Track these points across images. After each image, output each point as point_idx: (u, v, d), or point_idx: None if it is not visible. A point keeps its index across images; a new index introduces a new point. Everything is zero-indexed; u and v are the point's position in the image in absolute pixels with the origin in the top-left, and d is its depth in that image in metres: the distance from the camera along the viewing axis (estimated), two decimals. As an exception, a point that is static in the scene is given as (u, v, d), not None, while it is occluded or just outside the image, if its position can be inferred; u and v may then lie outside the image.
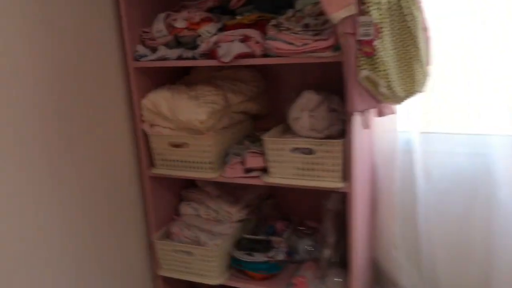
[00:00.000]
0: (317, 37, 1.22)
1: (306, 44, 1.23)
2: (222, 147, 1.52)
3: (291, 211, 1.78)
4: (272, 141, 1.35)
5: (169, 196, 1.72)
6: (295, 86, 1.61)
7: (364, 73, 1.14)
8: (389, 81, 1.15)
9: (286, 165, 1.35)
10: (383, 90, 1.16)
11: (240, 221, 1.65)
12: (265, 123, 1.74)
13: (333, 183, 1.30)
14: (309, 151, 1.33)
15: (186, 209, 1.72)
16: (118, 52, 1.49)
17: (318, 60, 1.23)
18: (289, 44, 1.24)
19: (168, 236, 1.66)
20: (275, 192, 1.80)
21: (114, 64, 1.48)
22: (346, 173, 1.30)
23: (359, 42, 1.13)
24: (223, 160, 1.53)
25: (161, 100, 1.46)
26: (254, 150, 1.44)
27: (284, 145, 1.34)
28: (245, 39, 1.34)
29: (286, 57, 1.26)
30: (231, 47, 1.32)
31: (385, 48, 1.14)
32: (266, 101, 1.70)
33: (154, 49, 1.47)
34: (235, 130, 1.59)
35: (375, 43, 1.12)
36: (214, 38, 1.35)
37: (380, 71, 1.14)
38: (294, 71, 1.66)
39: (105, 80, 1.44)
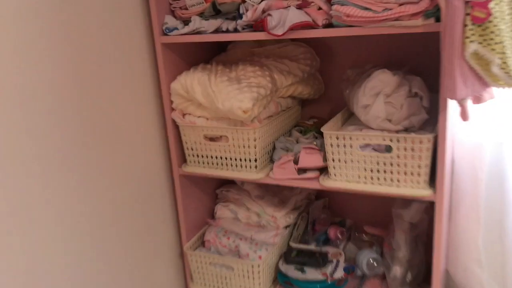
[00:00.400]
0: (402, 0, 0.92)
1: (388, 9, 0.93)
2: (269, 141, 1.25)
3: (345, 213, 1.51)
4: (335, 135, 1.07)
5: (202, 196, 1.47)
6: (354, 64, 1.33)
7: (473, 46, 0.85)
8: (505, 57, 0.85)
9: (353, 165, 1.08)
10: (495, 69, 0.87)
11: (287, 227, 1.39)
12: (315, 109, 1.47)
13: (417, 189, 1.02)
14: (385, 148, 1.05)
15: (222, 211, 1.47)
16: (142, 24, 1.22)
17: (404, 30, 0.93)
18: (364, 9, 0.95)
19: (202, 243, 1.42)
20: (325, 191, 1.53)
21: (138, 39, 1.21)
22: (434, 177, 1.01)
23: (469, 4, 0.83)
24: (270, 156, 1.26)
25: (194, 84, 1.19)
26: (310, 146, 1.17)
27: (352, 141, 1.06)
28: (303, 5, 1.05)
29: (359, 27, 0.97)
30: (285, 16, 1.03)
31: (502, 11, 0.84)
32: (319, 83, 1.41)
33: (186, 21, 1.20)
34: (282, 118, 1.32)
35: (492, 4, 0.82)
36: (263, 5, 1.07)
37: (494, 44, 0.84)
38: (354, 44, 1.36)
39: (127, 59, 1.18)
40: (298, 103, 1.41)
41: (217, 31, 1.15)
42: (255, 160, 1.20)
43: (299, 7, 1.05)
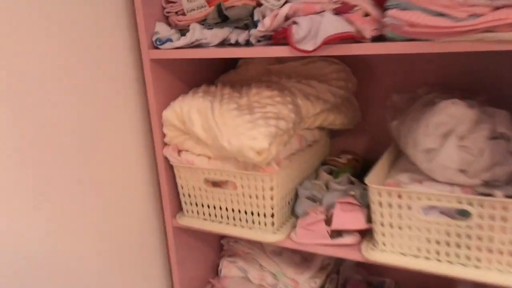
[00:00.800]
0: (498, 2, 0.62)
1: (476, 15, 0.63)
2: (290, 187, 0.95)
3: (385, 272, 1.20)
4: (386, 192, 0.76)
5: (203, 247, 1.17)
6: (401, 86, 1.03)
7: None
8: None
9: (411, 233, 0.77)
10: None
11: (311, 293, 1.09)
12: (348, 142, 1.17)
13: (507, 275, 0.71)
14: (459, 212, 0.74)
15: (228, 268, 1.17)
16: (127, 35, 0.93)
17: (501, 47, 0.63)
18: (438, 16, 0.65)
19: (202, 312, 1.12)
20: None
21: (120, 53, 0.92)
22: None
23: None
24: (292, 207, 0.96)
25: (192, 113, 0.90)
26: (347, 200, 0.86)
27: (412, 200, 0.75)
28: (342, 9, 0.75)
29: (428, 41, 0.67)
30: (317, 25, 0.73)
31: None
32: (355, 109, 1.10)
33: (183, 30, 0.91)
34: (307, 156, 1.02)
35: None
36: (286, 9, 0.77)
37: None
38: (401, 60, 1.05)
39: (108, 80, 0.89)
40: (327, 134, 1.11)
41: (224, 44, 0.87)
42: (272, 216, 0.90)
43: (337, 12, 0.75)
